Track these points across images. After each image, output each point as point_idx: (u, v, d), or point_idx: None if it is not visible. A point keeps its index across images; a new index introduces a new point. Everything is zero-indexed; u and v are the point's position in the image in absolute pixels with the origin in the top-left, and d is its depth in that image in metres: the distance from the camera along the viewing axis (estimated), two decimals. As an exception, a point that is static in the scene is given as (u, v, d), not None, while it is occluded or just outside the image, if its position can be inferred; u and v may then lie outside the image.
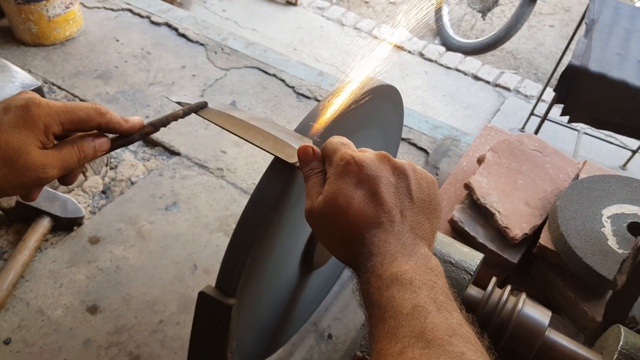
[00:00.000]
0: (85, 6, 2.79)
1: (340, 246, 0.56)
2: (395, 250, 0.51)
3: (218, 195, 1.90)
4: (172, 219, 1.80)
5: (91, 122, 0.61)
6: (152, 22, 2.76)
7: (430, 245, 0.55)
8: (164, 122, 0.71)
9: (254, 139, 0.72)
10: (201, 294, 0.81)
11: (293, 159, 0.67)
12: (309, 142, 0.69)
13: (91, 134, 0.64)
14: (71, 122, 0.59)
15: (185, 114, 0.73)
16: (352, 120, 0.90)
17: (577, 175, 1.41)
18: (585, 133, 2.62)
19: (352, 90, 0.85)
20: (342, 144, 0.61)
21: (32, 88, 1.77)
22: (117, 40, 2.61)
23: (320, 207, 0.56)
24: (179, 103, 0.76)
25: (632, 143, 2.59)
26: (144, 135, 0.69)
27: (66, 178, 0.63)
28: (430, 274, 0.50)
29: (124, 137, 0.67)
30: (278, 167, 0.75)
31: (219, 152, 2.07)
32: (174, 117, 0.72)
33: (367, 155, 0.57)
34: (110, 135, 0.66)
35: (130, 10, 2.81)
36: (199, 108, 0.75)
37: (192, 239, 1.74)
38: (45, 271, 1.60)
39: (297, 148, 0.64)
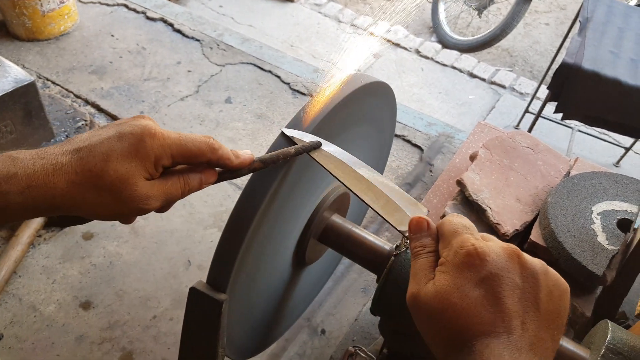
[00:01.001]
0: (80, 1, 2.78)
1: (442, 346, 0.49)
2: None
3: (212, 191, 1.90)
4: (166, 215, 1.80)
5: (202, 158, 0.59)
6: (148, 18, 2.75)
7: None
8: (275, 159, 0.68)
9: (363, 194, 0.68)
10: (192, 290, 0.81)
11: (402, 226, 0.62)
12: (423, 212, 0.64)
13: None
14: (182, 155, 0.58)
15: (297, 152, 0.70)
16: (345, 116, 0.91)
17: (569, 172, 1.42)
18: (579, 130, 2.63)
19: (345, 87, 0.85)
20: (463, 226, 0.53)
21: (25, 83, 1.76)
22: (112, 36, 2.61)
23: (430, 298, 0.49)
24: (292, 138, 0.73)
25: (626, 140, 2.60)
26: (252, 170, 0.66)
27: (163, 207, 0.61)
28: None
29: (231, 171, 0.65)
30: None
31: (213, 148, 2.07)
32: (285, 155, 0.69)
33: (492, 247, 0.50)
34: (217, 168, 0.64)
35: (126, 6, 2.81)
36: (312, 148, 0.72)
37: (186, 235, 1.74)
38: (38, 267, 1.60)
39: (410, 217, 0.58)
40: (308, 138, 0.73)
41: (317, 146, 0.72)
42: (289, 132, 0.74)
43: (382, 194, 0.67)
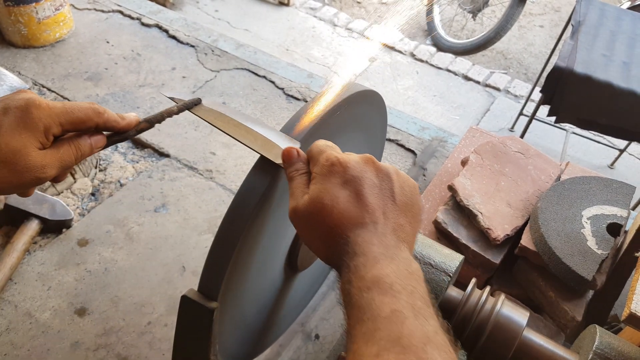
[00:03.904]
0: (75, 8, 2.79)
1: (323, 245, 0.57)
2: (378, 252, 0.52)
3: (207, 196, 1.91)
4: (161, 221, 1.81)
5: (89, 123, 0.62)
6: (143, 24, 2.76)
7: (410, 247, 0.56)
8: (159, 118, 0.72)
9: (243, 138, 0.73)
10: (183, 298, 0.82)
11: (280, 159, 0.68)
12: (296, 144, 0.70)
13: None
14: (70, 122, 0.60)
15: (179, 110, 0.74)
16: (336, 123, 0.92)
17: (559, 177, 1.43)
18: (574, 132, 2.64)
19: (337, 95, 0.86)
20: (327, 146, 0.62)
21: (20, 91, 1.77)
22: (108, 42, 2.61)
23: (306, 206, 0.57)
24: (172, 99, 0.76)
25: (620, 142, 2.62)
26: (139, 131, 0.70)
27: (58, 176, 0.64)
28: (411, 278, 0.51)
29: (119, 133, 0.68)
30: (261, 168, 0.76)
31: (208, 153, 2.08)
32: (168, 114, 0.73)
33: (352, 157, 0.59)
34: (106, 132, 0.67)
35: (121, 12, 2.81)
36: (193, 105, 0.75)
37: (180, 241, 1.75)
38: (33, 274, 1.61)
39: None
40: (188, 97, 0.77)
41: (197, 103, 0.75)
42: (169, 94, 0.77)
43: (259, 135, 0.73)
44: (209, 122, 0.74)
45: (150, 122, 0.70)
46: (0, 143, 0.54)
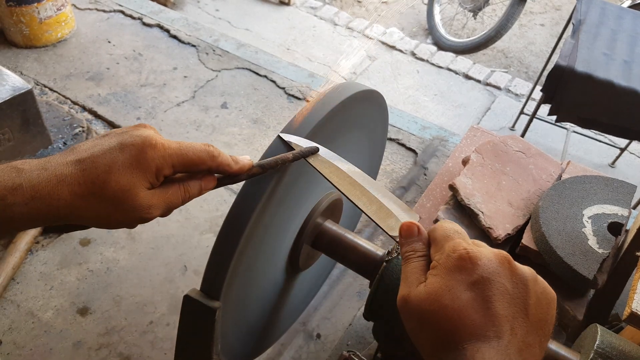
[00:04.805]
0: (77, 8, 2.80)
1: (432, 348, 0.49)
2: None
3: (208, 196, 1.92)
4: (163, 220, 1.81)
5: (202, 165, 0.61)
6: (144, 24, 2.76)
7: None
8: (273, 164, 0.69)
9: (357, 200, 0.69)
10: (186, 298, 0.82)
11: (394, 231, 0.62)
12: (414, 218, 0.64)
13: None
14: (183, 164, 0.59)
15: (294, 158, 0.71)
16: (338, 122, 0.92)
17: (560, 176, 1.43)
18: (575, 131, 2.64)
19: (336, 96, 0.86)
20: (455, 231, 0.53)
21: (23, 91, 1.77)
22: (109, 42, 2.62)
23: (420, 300, 0.49)
24: (289, 143, 0.74)
25: (621, 141, 2.62)
26: (251, 176, 0.68)
27: (164, 214, 0.62)
28: None
29: (231, 176, 0.66)
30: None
31: (209, 153, 2.08)
32: (283, 160, 0.70)
33: (484, 252, 0.50)
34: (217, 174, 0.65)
35: (122, 12, 2.82)
36: (309, 153, 0.72)
37: (182, 240, 1.76)
38: (36, 273, 1.61)
39: (401, 222, 0.58)
40: (304, 143, 0.75)
41: (314, 152, 0.73)
42: (287, 137, 0.75)
43: (375, 199, 0.68)
44: (322, 175, 0.71)
45: (263, 168, 0.68)
46: (111, 181, 0.54)
